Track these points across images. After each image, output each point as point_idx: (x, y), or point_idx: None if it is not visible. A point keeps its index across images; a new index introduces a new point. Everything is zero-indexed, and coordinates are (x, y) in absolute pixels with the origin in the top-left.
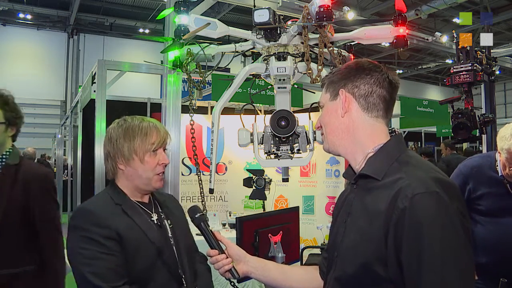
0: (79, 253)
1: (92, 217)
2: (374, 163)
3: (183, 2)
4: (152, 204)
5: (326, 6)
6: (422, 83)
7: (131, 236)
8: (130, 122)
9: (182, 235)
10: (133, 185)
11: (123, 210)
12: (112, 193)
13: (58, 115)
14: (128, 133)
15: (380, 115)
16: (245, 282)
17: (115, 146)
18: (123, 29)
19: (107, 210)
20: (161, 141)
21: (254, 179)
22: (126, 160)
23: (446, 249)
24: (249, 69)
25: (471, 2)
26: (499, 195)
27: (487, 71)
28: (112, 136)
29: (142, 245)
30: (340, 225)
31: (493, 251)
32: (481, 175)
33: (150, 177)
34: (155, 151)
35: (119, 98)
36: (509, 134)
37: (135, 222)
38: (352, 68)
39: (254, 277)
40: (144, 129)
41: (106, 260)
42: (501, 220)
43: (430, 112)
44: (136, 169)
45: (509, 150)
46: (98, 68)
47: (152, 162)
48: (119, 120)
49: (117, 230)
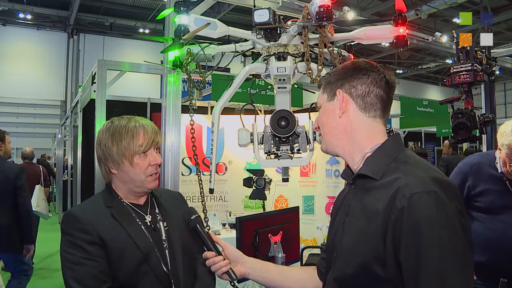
0: (64, 257)
1: (76, 222)
2: (372, 163)
3: (183, 2)
4: (148, 205)
5: (326, 6)
6: (422, 83)
7: (116, 241)
8: (117, 124)
9: (179, 237)
10: (127, 188)
11: (111, 214)
12: (105, 195)
13: (58, 115)
14: (115, 136)
15: (378, 114)
16: (245, 282)
17: (104, 150)
18: (123, 29)
19: (95, 214)
20: (150, 142)
21: (254, 179)
22: (117, 164)
23: (445, 248)
24: (249, 69)
25: (471, 2)
26: (499, 193)
27: (487, 71)
28: (101, 139)
29: (128, 250)
30: (338, 226)
31: (491, 248)
32: (480, 172)
33: (143, 180)
34: (145, 153)
35: (119, 98)
36: (509, 130)
37: (122, 227)
38: (349, 69)
39: (251, 278)
40: (130, 131)
41: (88, 265)
42: (500, 218)
43: (430, 112)
44: (127, 173)
45: (510, 146)
46: (98, 68)
47: (142, 164)
48: (108, 121)
49: (100, 235)
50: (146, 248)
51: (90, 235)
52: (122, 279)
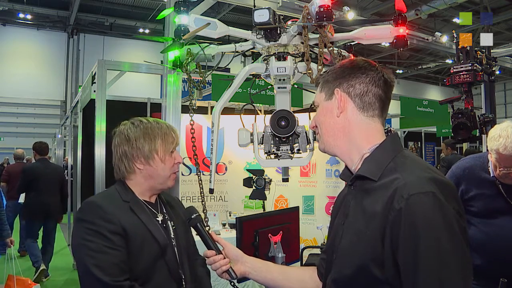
0: (84, 245)
1: (99, 211)
2: (370, 164)
3: (183, 2)
4: (158, 205)
5: (326, 6)
6: (422, 83)
7: (137, 233)
8: (147, 123)
9: (184, 237)
10: (148, 184)
11: (130, 207)
12: (120, 190)
13: (58, 115)
14: (147, 134)
15: (376, 114)
16: (245, 282)
17: (134, 145)
18: (123, 29)
19: (115, 205)
20: (177, 142)
21: (254, 179)
22: (146, 159)
23: (443, 250)
24: (249, 69)
25: (471, 2)
26: (491, 196)
27: (487, 71)
28: (130, 136)
29: (146, 243)
30: (338, 227)
31: (486, 252)
32: (473, 176)
33: (168, 176)
34: (172, 151)
35: (119, 98)
36: (497, 135)
37: (141, 220)
38: (347, 67)
39: (251, 277)
40: (163, 130)
41: (111, 254)
42: (494, 221)
43: (430, 112)
44: (156, 168)
45: (498, 151)
46: (98, 68)
47: (170, 161)
48: (132, 121)
49: (123, 226)
50: (164, 242)
51: (114, 224)
52: (139, 271)
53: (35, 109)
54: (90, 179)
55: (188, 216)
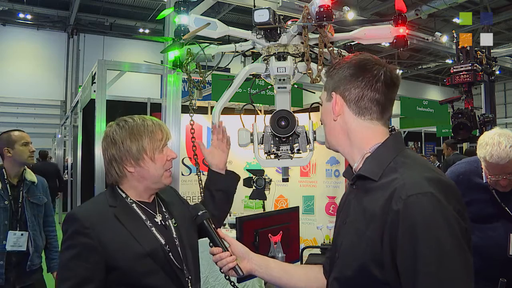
0: (59, 257)
1: (76, 224)
2: (371, 163)
3: (183, 2)
4: (155, 204)
5: (326, 6)
6: (422, 83)
7: (118, 242)
8: (133, 122)
9: (186, 234)
10: (143, 186)
11: (114, 214)
12: (109, 194)
13: (58, 115)
14: (133, 134)
15: (375, 117)
16: (245, 282)
17: (121, 148)
18: (123, 29)
19: (98, 215)
20: (166, 137)
21: (254, 179)
22: (136, 161)
23: (442, 251)
24: (249, 69)
25: (471, 2)
26: (485, 201)
27: (487, 71)
28: (116, 138)
29: (128, 249)
30: (340, 226)
31: (484, 256)
32: (467, 182)
33: (161, 174)
34: (162, 148)
35: (119, 98)
36: (485, 142)
37: (124, 226)
38: (347, 67)
39: (258, 275)
40: (149, 128)
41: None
42: (490, 226)
43: (430, 112)
44: (147, 168)
45: (485, 159)
46: (98, 68)
47: (161, 159)
48: (117, 121)
49: (99, 239)
50: (149, 246)
51: (89, 238)
52: (129, 278)
53: (35, 109)
54: (90, 179)
55: (195, 213)
